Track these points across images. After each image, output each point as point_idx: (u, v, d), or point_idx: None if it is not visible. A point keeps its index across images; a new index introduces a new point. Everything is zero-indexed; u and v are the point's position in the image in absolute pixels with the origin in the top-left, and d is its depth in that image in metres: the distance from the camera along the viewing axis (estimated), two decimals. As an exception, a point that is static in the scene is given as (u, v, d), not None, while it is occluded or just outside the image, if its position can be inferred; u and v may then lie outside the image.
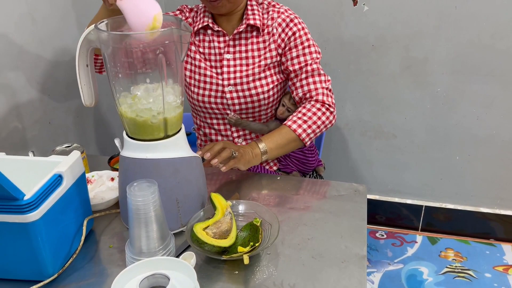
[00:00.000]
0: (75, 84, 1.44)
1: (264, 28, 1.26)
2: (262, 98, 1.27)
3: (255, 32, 1.26)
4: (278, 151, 1.17)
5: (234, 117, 1.30)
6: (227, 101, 1.28)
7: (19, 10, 1.19)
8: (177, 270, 0.77)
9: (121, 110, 0.88)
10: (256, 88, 1.26)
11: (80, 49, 0.84)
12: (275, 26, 1.26)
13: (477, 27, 1.62)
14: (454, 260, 1.86)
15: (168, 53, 0.83)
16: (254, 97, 1.26)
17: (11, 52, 1.18)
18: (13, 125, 1.21)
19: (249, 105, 1.28)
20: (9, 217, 0.76)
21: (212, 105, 1.30)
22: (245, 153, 1.10)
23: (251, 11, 1.26)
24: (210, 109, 1.31)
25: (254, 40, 1.26)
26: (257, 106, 1.28)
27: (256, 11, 1.27)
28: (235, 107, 1.29)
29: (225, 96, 1.27)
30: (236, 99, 1.27)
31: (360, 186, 1.15)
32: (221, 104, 1.29)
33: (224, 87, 1.27)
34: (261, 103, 1.28)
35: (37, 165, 0.91)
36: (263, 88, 1.26)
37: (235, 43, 1.27)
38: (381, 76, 1.77)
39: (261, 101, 1.28)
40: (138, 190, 0.80)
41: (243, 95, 1.26)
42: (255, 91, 1.26)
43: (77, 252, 0.89)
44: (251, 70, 1.26)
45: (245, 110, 1.29)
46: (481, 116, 1.77)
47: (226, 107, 1.29)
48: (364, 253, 0.90)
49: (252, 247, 0.87)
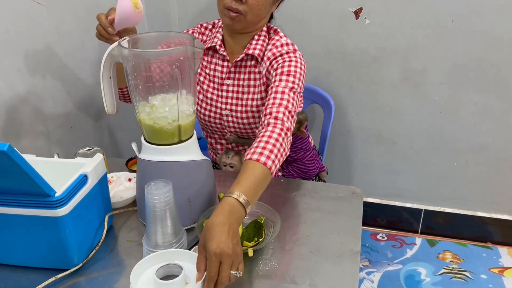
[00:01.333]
0: (95, 92, 1.56)
1: (263, 58, 1.26)
2: (255, 127, 1.33)
3: (254, 61, 1.28)
4: (257, 196, 0.95)
5: (231, 137, 1.38)
6: (224, 123, 1.35)
7: (47, 25, 1.30)
8: (189, 261, 0.86)
9: (140, 118, 0.98)
10: (248, 118, 1.31)
11: (105, 63, 0.94)
12: (265, 60, 1.25)
13: (472, 40, 1.69)
14: (452, 262, 1.94)
15: (183, 68, 0.93)
16: (246, 125, 1.33)
17: (39, 63, 1.29)
18: (39, 130, 1.31)
19: (243, 130, 1.35)
20: (41, 211, 0.85)
21: (212, 124, 1.37)
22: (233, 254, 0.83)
23: (256, 41, 1.27)
24: (210, 127, 1.39)
25: (252, 70, 1.28)
26: (251, 132, 1.35)
27: (261, 41, 1.27)
28: (230, 129, 1.36)
29: (223, 118, 1.34)
30: (231, 123, 1.34)
31: (357, 189, 1.23)
32: (219, 124, 1.37)
33: (222, 110, 1.33)
34: (254, 130, 1.33)
35: (64, 166, 1.00)
36: (255, 119, 1.31)
37: (235, 70, 1.30)
38: (382, 86, 1.85)
39: (253, 129, 1.33)
40: (155, 189, 0.88)
41: (237, 121, 1.33)
42: (247, 121, 1.32)
43: (99, 244, 0.98)
44: (245, 101, 1.30)
45: (239, 133, 1.36)
46: (477, 124, 1.84)
47: (224, 127, 1.37)
48: (358, 249, 0.99)
49: (256, 242, 0.96)
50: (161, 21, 1.88)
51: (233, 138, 1.39)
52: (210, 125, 1.39)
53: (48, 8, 1.29)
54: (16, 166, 0.75)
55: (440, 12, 1.67)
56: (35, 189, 0.83)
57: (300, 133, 1.37)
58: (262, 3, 1.18)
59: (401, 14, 1.71)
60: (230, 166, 1.35)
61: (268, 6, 1.22)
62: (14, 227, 0.88)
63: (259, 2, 1.17)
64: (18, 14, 1.19)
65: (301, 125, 1.36)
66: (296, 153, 1.43)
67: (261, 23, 1.27)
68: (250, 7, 1.17)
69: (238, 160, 1.36)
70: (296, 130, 1.36)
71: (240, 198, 0.87)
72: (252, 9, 1.17)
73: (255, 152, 0.96)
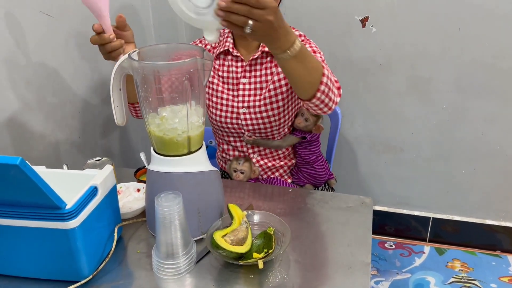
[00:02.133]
0: (103, 103, 1.56)
1: None
2: (273, 120, 1.34)
3: (269, 57, 1.32)
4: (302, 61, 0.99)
5: (251, 139, 1.39)
6: (241, 122, 1.36)
7: (57, 37, 1.31)
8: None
9: (149, 129, 0.98)
10: (267, 111, 1.33)
11: (115, 75, 0.95)
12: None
13: (479, 48, 1.69)
14: (461, 271, 1.92)
15: (192, 79, 0.93)
16: (265, 119, 1.34)
17: (49, 76, 1.30)
18: (49, 140, 1.32)
19: (261, 126, 1.35)
20: (52, 224, 0.85)
21: (228, 125, 1.38)
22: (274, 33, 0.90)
23: None
24: (226, 129, 1.40)
25: (268, 65, 1.32)
26: (269, 127, 1.36)
27: None
28: (248, 127, 1.37)
29: (240, 117, 1.36)
30: (249, 120, 1.35)
31: (367, 199, 1.22)
32: (236, 125, 1.38)
33: (239, 109, 1.35)
34: (273, 124, 1.35)
35: (74, 178, 1.01)
36: (273, 111, 1.32)
37: (251, 68, 1.33)
38: (389, 94, 1.85)
39: (272, 123, 1.34)
40: (165, 201, 0.88)
41: (255, 117, 1.34)
42: (266, 114, 1.33)
43: (109, 256, 0.98)
44: (263, 95, 1.32)
45: (258, 131, 1.37)
46: (485, 131, 1.83)
47: (241, 127, 1.38)
48: (369, 261, 0.98)
49: (266, 253, 0.95)
50: (168, 27, 1.89)
51: (252, 139, 1.39)
52: (227, 127, 1.39)
53: (57, 20, 1.30)
54: (28, 179, 0.76)
55: (446, 20, 1.68)
56: (46, 202, 0.83)
57: (316, 129, 1.39)
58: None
59: (408, 22, 1.71)
60: (241, 172, 1.36)
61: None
62: (25, 239, 0.88)
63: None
64: (28, 26, 1.20)
65: (318, 119, 1.39)
66: (309, 156, 1.44)
67: None
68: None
69: (248, 167, 1.36)
70: (313, 124, 1.38)
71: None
72: None
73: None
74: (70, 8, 1.36)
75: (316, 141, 1.45)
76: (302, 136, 1.42)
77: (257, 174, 1.40)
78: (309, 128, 1.40)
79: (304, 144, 1.43)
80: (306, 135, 1.41)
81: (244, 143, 1.43)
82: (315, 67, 1.03)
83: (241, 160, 1.37)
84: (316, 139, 1.44)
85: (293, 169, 1.51)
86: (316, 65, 1.04)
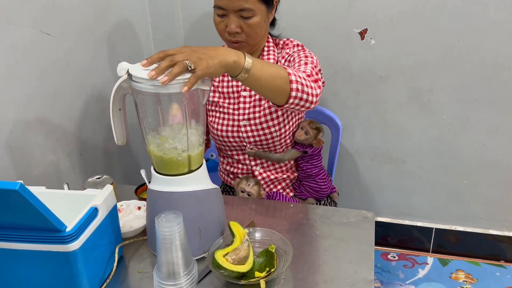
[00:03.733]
0: (103, 118, 1.56)
1: (280, 60, 1.35)
2: (274, 131, 1.35)
3: None
4: (261, 71, 0.99)
5: (252, 150, 1.39)
6: (242, 134, 1.37)
7: (56, 54, 1.31)
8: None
9: (149, 149, 0.98)
10: (267, 122, 1.34)
11: (114, 95, 0.95)
12: (281, 60, 1.35)
13: (479, 59, 1.69)
14: (465, 282, 1.91)
15: (192, 99, 0.93)
16: (266, 130, 1.35)
17: (48, 92, 1.30)
18: (49, 159, 1.32)
19: (262, 137, 1.36)
20: (52, 246, 0.85)
21: (230, 138, 1.39)
22: (207, 52, 0.91)
23: (267, 52, 1.36)
24: (228, 142, 1.40)
25: None
26: (270, 138, 1.36)
27: (272, 51, 1.36)
28: (249, 140, 1.38)
29: (241, 129, 1.36)
30: (250, 132, 1.36)
31: (369, 213, 1.22)
32: (237, 137, 1.38)
33: (240, 121, 1.36)
34: (273, 135, 1.36)
35: (74, 198, 1.01)
36: (273, 121, 1.34)
37: None
38: (389, 105, 1.85)
39: (272, 133, 1.35)
40: (165, 222, 0.88)
41: (255, 128, 1.35)
42: (266, 125, 1.34)
43: (110, 277, 0.97)
44: (262, 106, 1.34)
45: (259, 142, 1.38)
46: (487, 142, 1.83)
47: (242, 139, 1.38)
48: (372, 278, 0.98)
49: (268, 272, 0.95)
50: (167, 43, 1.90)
51: (254, 151, 1.39)
52: (228, 141, 1.40)
53: (57, 39, 1.31)
54: (28, 203, 0.76)
55: (445, 31, 1.68)
56: (46, 225, 0.83)
57: (317, 143, 1.39)
58: (258, 26, 1.27)
59: (407, 33, 1.71)
60: (248, 194, 1.35)
61: (264, 23, 1.29)
62: (25, 262, 0.88)
63: (255, 26, 1.26)
64: (28, 45, 1.20)
65: (319, 133, 1.39)
66: (311, 170, 1.43)
67: (265, 37, 1.36)
68: (248, 34, 1.27)
69: (257, 191, 1.35)
70: (313, 138, 1.38)
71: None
72: (250, 35, 1.27)
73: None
74: (70, 27, 1.36)
75: (318, 155, 1.45)
76: (304, 151, 1.42)
77: (262, 196, 1.39)
78: (310, 142, 1.40)
79: (306, 158, 1.43)
80: (308, 150, 1.41)
81: (246, 155, 1.43)
82: (277, 71, 1.04)
83: (251, 182, 1.36)
84: (317, 153, 1.44)
85: (295, 182, 1.51)
86: (277, 69, 1.05)
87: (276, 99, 1.08)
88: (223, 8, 1.23)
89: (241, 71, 0.96)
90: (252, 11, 1.23)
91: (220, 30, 1.29)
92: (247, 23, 1.24)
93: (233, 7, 1.22)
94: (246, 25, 1.25)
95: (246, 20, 1.24)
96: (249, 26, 1.25)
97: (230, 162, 1.48)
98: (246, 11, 1.22)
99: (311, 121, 1.40)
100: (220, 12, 1.25)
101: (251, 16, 1.24)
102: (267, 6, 1.28)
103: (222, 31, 1.28)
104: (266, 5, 1.27)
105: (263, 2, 1.25)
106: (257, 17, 1.25)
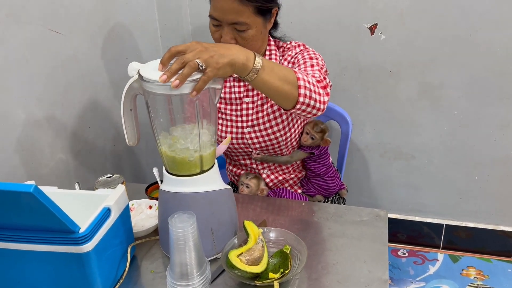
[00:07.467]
0: (113, 116, 1.56)
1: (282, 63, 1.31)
2: (279, 135, 1.32)
3: None
4: (270, 75, 0.98)
5: (259, 156, 1.38)
6: (248, 141, 1.35)
7: (65, 53, 1.31)
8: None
9: (161, 149, 0.97)
10: (272, 127, 1.30)
11: (125, 96, 0.94)
12: (283, 62, 1.31)
13: (490, 53, 1.67)
14: (476, 278, 1.89)
15: (204, 99, 0.92)
16: (271, 135, 1.32)
17: (58, 90, 1.29)
18: (59, 157, 1.31)
19: (268, 143, 1.34)
20: (66, 248, 0.84)
21: (234, 145, 1.37)
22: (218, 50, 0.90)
23: (268, 56, 1.32)
24: (234, 149, 1.39)
25: None
26: (276, 143, 1.34)
27: (274, 55, 1.32)
28: (255, 146, 1.35)
29: (245, 137, 1.34)
30: (255, 139, 1.34)
31: (381, 212, 1.21)
32: (242, 144, 1.36)
33: (244, 128, 1.34)
34: (279, 139, 1.32)
35: (86, 198, 1.00)
36: (278, 126, 1.30)
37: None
38: (399, 101, 1.83)
39: (278, 138, 1.32)
40: (179, 222, 0.87)
41: (260, 134, 1.32)
42: (271, 130, 1.31)
43: (123, 277, 0.97)
44: (265, 111, 1.30)
45: (265, 148, 1.36)
46: (498, 137, 1.81)
47: (248, 146, 1.36)
48: (386, 277, 0.97)
49: (282, 273, 0.94)
50: (175, 39, 1.89)
51: (261, 157, 1.38)
52: (234, 148, 1.38)
53: (66, 36, 1.30)
54: (42, 205, 0.75)
55: (456, 26, 1.65)
56: (59, 226, 0.82)
57: (324, 143, 1.37)
58: (253, 39, 1.21)
59: (417, 28, 1.69)
60: (246, 186, 1.35)
61: (261, 34, 1.23)
62: (39, 264, 0.88)
63: (250, 39, 1.20)
64: (37, 43, 1.20)
65: (324, 134, 1.37)
66: (319, 169, 1.42)
67: (264, 43, 1.30)
68: (246, 40, 1.20)
69: (255, 183, 1.36)
70: (320, 140, 1.37)
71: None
72: (249, 40, 1.20)
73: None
74: (78, 24, 1.36)
75: (325, 153, 1.43)
76: (311, 152, 1.40)
77: (265, 193, 1.38)
78: (317, 143, 1.38)
79: (313, 157, 1.42)
80: (314, 150, 1.39)
81: (253, 160, 1.42)
82: (286, 74, 1.02)
83: (250, 175, 1.37)
84: (325, 152, 1.42)
85: (303, 180, 1.50)
86: (286, 72, 1.02)
87: (283, 103, 1.05)
88: (217, 19, 1.18)
89: (250, 72, 0.95)
90: (247, 25, 1.17)
91: (215, 39, 1.24)
92: (241, 36, 1.19)
93: (227, 20, 1.16)
94: (241, 38, 1.19)
95: (240, 33, 1.18)
96: (243, 39, 1.19)
97: (237, 165, 1.47)
98: (240, 25, 1.16)
99: (314, 123, 1.37)
100: (215, 23, 1.20)
101: (246, 29, 1.18)
102: (264, 18, 1.21)
103: (217, 41, 1.23)
104: (263, 16, 1.21)
105: (260, 14, 1.19)
106: (252, 30, 1.19)
